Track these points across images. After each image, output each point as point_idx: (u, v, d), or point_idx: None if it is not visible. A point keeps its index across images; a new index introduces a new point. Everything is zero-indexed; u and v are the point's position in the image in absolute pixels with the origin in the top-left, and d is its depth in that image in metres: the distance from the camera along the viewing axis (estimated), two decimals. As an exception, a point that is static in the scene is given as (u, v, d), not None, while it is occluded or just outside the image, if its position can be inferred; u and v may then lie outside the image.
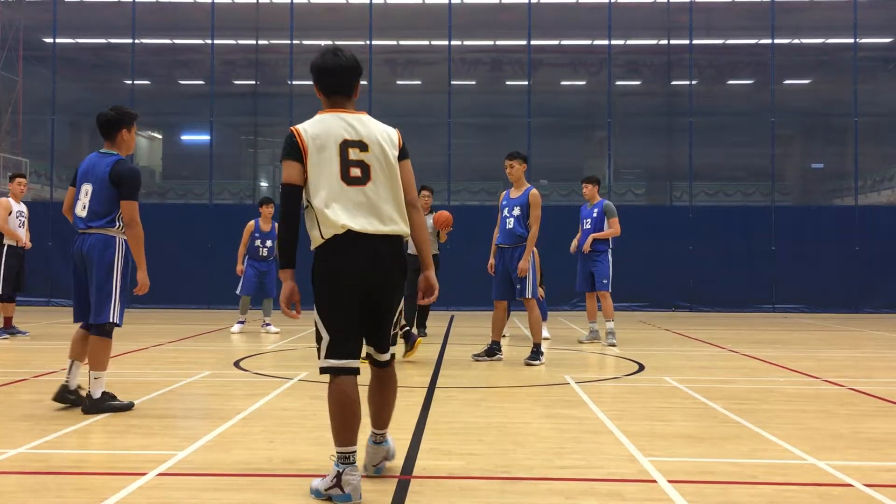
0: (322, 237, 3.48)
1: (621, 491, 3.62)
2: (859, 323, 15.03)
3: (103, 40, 26.05)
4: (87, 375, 5.35)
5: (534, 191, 8.28)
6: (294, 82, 20.44)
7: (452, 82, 19.83)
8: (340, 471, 3.43)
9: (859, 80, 19.82)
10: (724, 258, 17.72)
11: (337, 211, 3.45)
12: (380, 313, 3.58)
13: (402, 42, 26.48)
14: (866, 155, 21.30)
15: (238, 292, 11.43)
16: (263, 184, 32.34)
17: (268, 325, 11.42)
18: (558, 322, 13.86)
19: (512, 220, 8.29)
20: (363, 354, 3.62)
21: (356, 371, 3.55)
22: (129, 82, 21.08)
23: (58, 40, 19.99)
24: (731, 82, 27.91)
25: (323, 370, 3.56)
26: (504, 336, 10.33)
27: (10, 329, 10.35)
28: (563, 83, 27.41)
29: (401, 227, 3.56)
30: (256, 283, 11.38)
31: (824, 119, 25.50)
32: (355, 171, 3.51)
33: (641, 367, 7.90)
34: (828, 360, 9.02)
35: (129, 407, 5.38)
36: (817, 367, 8.05)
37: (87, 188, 5.37)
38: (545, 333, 10.75)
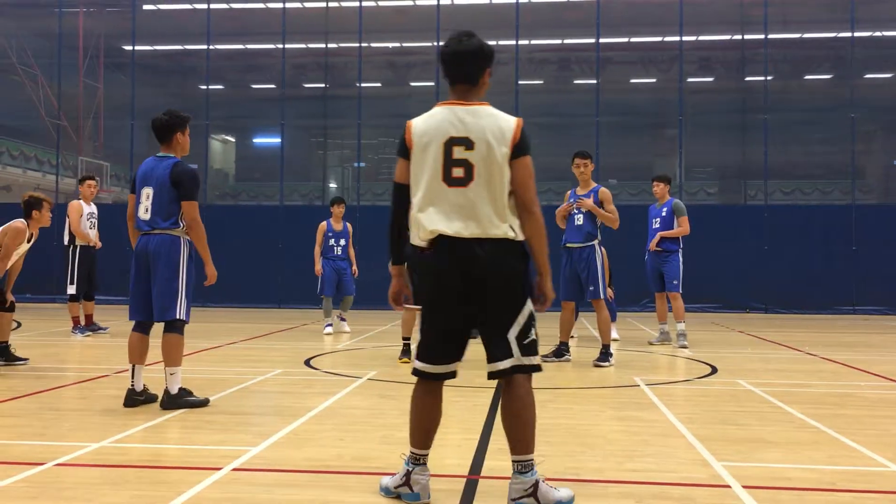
0: (419, 239, 3.38)
1: (693, 496, 3.54)
2: (946, 326, 14.40)
3: (179, 47, 26.84)
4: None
5: (603, 188, 8.22)
6: (363, 84, 20.67)
7: (520, 82, 19.75)
8: (410, 469, 3.43)
9: (945, 73, 18.99)
10: (801, 259, 17.19)
11: (432, 215, 3.32)
12: (483, 320, 3.37)
13: (469, 43, 26.50)
14: (953, 151, 20.41)
15: (319, 293, 11.58)
16: (332, 185, 32.81)
17: (343, 320, 11.59)
18: (628, 323, 13.67)
19: (581, 216, 8.17)
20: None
21: (437, 376, 3.44)
22: (204, 87, 21.65)
23: (136, 47, 20.66)
24: (808, 77, 27.09)
25: (413, 372, 3.51)
26: (572, 337, 10.24)
27: (91, 326, 10.76)
28: (633, 81, 27.02)
29: (502, 230, 3.29)
30: (335, 281, 11.50)
31: (907, 114, 24.54)
32: (458, 172, 3.31)
33: (714, 370, 7.73)
34: (912, 364, 8.67)
35: (204, 403, 5.52)
36: (901, 372, 7.74)
37: (147, 191, 5.50)
38: (614, 335, 10.59)
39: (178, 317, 5.46)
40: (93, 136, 26.13)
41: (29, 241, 7.52)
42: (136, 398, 5.51)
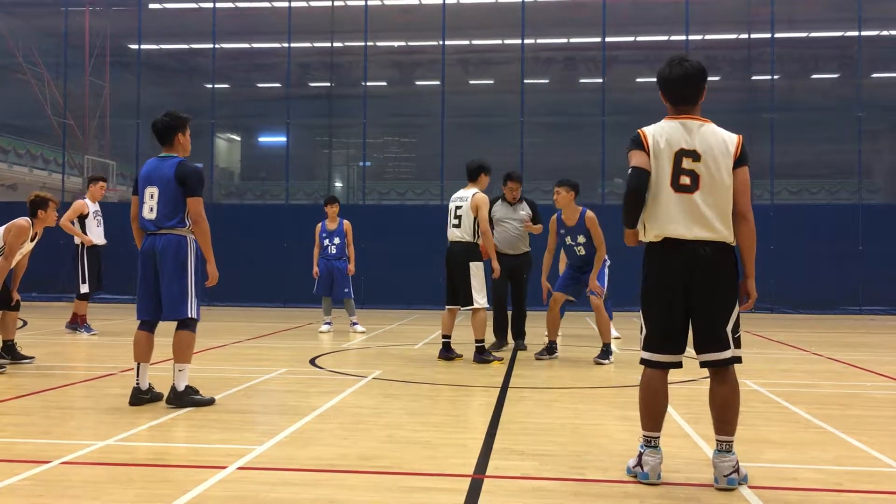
0: (645, 239, 3.78)
1: (699, 496, 3.54)
2: (953, 326, 14.34)
3: (185, 46, 26.86)
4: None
5: (588, 213, 8.10)
6: (368, 83, 20.66)
7: (525, 81, 19.72)
8: (642, 451, 3.76)
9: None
10: (807, 258, 17.13)
11: (661, 217, 3.70)
12: (702, 315, 3.70)
13: (474, 42, 26.49)
14: (960, 150, 20.33)
15: (314, 292, 11.63)
16: (338, 184, 32.84)
17: (355, 324, 11.60)
18: (632, 322, 13.64)
19: (582, 248, 8.15)
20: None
21: (663, 365, 3.77)
22: (210, 86, 21.67)
23: (142, 46, 20.70)
24: (814, 76, 27.00)
25: (641, 361, 3.84)
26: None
27: (74, 324, 10.75)
28: (639, 80, 26.97)
29: (722, 233, 3.67)
30: (329, 280, 11.53)
31: (915, 113, 24.43)
32: (685, 180, 3.68)
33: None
34: (919, 364, 8.63)
35: (210, 402, 5.53)
36: (907, 372, 7.71)
37: (151, 191, 5.52)
38: (614, 333, 10.63)
39: (189, 315, 5.50)
40: (98, 134, 26.19)
41: (33, 241, 7.52)
42: (141, 396, 5.52)
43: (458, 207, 8.10)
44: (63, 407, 5.59)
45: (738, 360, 3.72)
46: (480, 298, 7.97)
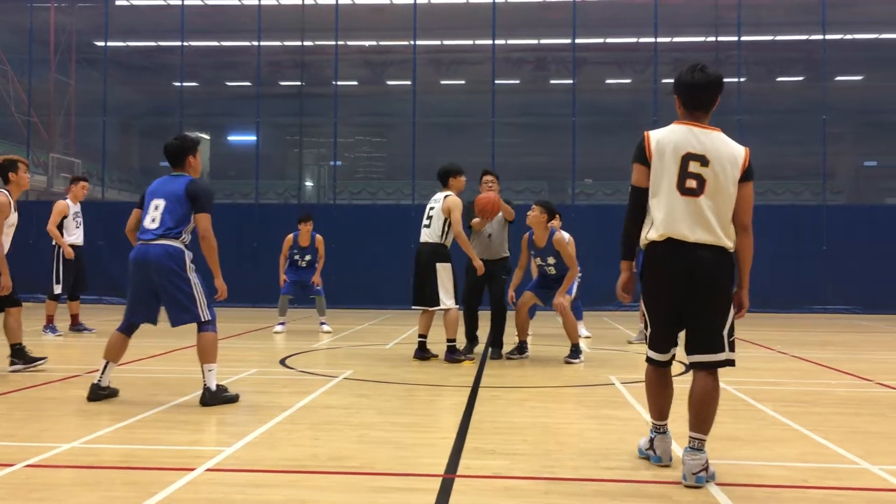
0: (648, 238, 3.83)
1: (669, 493, 3.57)
2: (914, 325, 14.63)
3: (153, 43, 26.57)
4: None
5: (557, 235, 8.10)
6: (339, 83, 20.58)
7: (496, 81, 19.78)
8: (653, 437, 4.07)
9: (914, 76, 19.30)
10: (772, 258, 17.33)
11: (663, 217, 3.75)
12: (699, 317, 3.78)
13: (445, 42, 26.51)
14: (921, 152, 20.76)
15: (283, 292, 11.55)
16: (309, 183, 32.69)
17: (322, 324, 11.55)
18: (604, 322, 13.75)
19: (552, 268, 8.21)
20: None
21: (661, 363, 3.97)
22: (178, 84, 21.44)
23: (109, 43, 20.42)
24: (780, 79, 27.40)
25: (647, 360, 4.02)
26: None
27: (77, 326, 10.61)
28: (609, 81, 27.19)
29: (722, 240, 3.75)
30: (299, 285, 11.50)
31: (877, 116, 24.92)
32: (691, 183, 3.75)
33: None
34: (881, 362, 8.80)
35: (235, 399, 5.62)
36: (871, 370, 7.85)
37: (157, 203, 5.60)
38: (584, 332, 10.75)
39: (203, 319, 5.58)
40: (64, 132, 25.79)
41: (16, 210, 7.19)
42: (99, 392, 5.60)
43: (431, 209, 8.12)
44: (27, 409, 5.49)
45: (731, 363, 3.82)
46: (447, 299, 7.96)
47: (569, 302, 8.24)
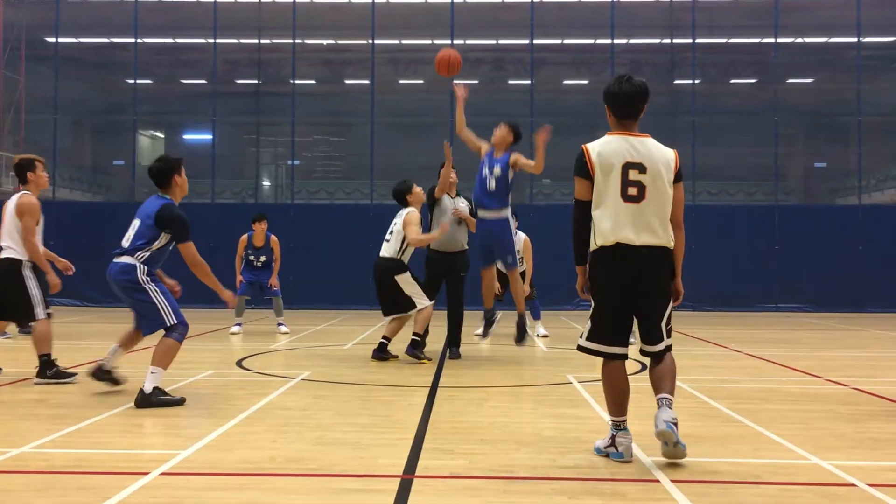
0: (597, 244, 4.07)
1: (624, 491, 3.61)
2: (863, 322, 15.01)
3: (105, 39, 26.05)
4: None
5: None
6: (297, 81, 20.41)
7: (455, 81, 19.78)
8: (614, 434, 4.14)
9: (863, 80, 19.77)
10: (726, 258, 17.69)
11: (611, 225, 4.01)
12: (645, 312, 4.12)
13: (404, 41, 26.45)
14: (870, 154, 21.27)
15: (238, 293, 11.45)
16: (266, 183, 32.33)
17: (280, 324, 11.46)
18: (561, 322, 13.84)
19: (494, 181, 7.78)
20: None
21: (615, 356, 4.15)
22: (132, 81, 21.07)
23: (60, 39, 20.01)
24: (733, 81, 27.86)
25: (580, 348, 4.24)
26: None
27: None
28: (566, 82, 27.37)
29: (665, 239, 4.09)
30: (256, 286, 11.41)
31: (828, 118, 25.44)
32: (632, 190, 4.03)
33: (643, 367, 7.87)
34: (831, 359, 9.01)
35: (180, 402, 5.53)
36: (821, 367, 8.03)
37: (135, 223, 5.79)
38: (542, 331, 10.82)
39: (168, 324, 5.65)
40: (13, 130, 25.15)
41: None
42: (101, 374, 5.86)
43: (395, 223, 8.19)
44: (-25, 414, 5.35)
45: (669, 348, 4.21)
46: (421, 299, 8.03)
47: (526, 295, 8.20)
